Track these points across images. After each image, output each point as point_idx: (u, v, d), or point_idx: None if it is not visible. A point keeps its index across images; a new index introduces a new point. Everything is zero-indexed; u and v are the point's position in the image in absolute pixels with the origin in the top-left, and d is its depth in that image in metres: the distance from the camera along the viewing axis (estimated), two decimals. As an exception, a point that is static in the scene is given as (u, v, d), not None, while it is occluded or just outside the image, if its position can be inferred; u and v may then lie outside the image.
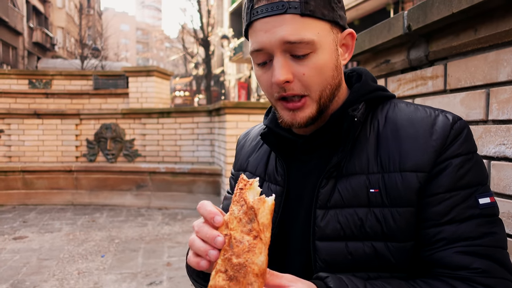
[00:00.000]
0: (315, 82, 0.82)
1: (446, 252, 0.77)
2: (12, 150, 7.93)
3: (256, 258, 0.65)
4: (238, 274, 0.64)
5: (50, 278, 4.07)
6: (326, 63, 0.82)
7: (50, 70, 10.48)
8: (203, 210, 0.72)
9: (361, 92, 0.89)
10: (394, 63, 1.81)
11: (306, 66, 0.81)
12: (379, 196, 0.81)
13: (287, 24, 0.78)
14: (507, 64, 1.22)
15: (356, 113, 0.85)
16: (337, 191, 0.84)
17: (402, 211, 0.80)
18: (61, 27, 31.99)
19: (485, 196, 0.79)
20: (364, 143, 0.86)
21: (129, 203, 7.54)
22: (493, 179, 1.27)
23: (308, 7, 0.78)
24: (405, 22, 1.61)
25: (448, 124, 0.81)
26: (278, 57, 0.81)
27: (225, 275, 0.65)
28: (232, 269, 0.65)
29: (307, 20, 0.79)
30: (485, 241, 0.76)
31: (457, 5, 1.31)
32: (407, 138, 0.82)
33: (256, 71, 0.88)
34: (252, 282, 0.64)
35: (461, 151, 0.80)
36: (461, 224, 0.77)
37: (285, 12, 0.78)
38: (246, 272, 0.64)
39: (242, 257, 0.65)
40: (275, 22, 0.79)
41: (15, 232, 5.77)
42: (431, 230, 0.79)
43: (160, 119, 7.80)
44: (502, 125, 1.24)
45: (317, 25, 0.80)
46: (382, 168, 0.82)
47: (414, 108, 0.87)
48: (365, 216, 0.81)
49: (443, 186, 0.78)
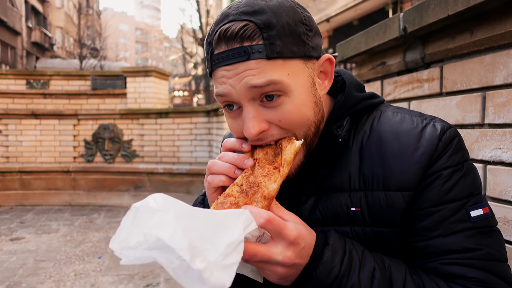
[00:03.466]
0: (295, 125, 0.76)
1: (437, 264, 0.74)
2: (10, 150, 7.90)
3: (269, 183, 0.72)
4: (249, 190, 0.72)
5: (47, 279, 4.05)
6: (304, 103, 0.75)
7: (48, 70, 10.46)
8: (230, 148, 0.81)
9: (346, 106, 0.83)
10: (390, 65, 1.79)
11: (280, 112, 0.74)
12: (360, 215, 0.78)
13: (252, 69, 0.71)
14: (503, 67, 1.21)
15: (340, 132, 0.80)
16: (317, 209, 0.82)
17: (385, 231, 0.77)
18: (60, 27, 31.96)
19: (477, 207, 0.75)
20: (347, 158, 0.82)
21: (127, 203, 7.51)
22: (489, 184, 1.25)
23: (274, 48, 0.70)
24: (401, 24, 1.59)
25: (435, 137, 0.76)
26: (247, 107, 0.74)
27: (239, 188, 0.73)
28: (247, 184, 0.73)
29: (275, 62, 0.71)
30: (479, 255, 0.73)
31: (453, 7, 1.29)
32: (392, 154, 0.77)
33: (224, 112, 0.82)
34: (258, 201, 0.71)
35: (449, 163, 0.75)
36: (450, 237, 0.74)
37: (248, 58, 0.70)
38: (256, 191, 0.71)
39: (258, 178, 0.73)
40: (238, 70, 0.72)
41: (12, 233, 5.74)
42: (419, 244, 0.76)
43: (158, 119, 7.78)
44: (498, 129, 1.23)
45: (287, 65, 0.72)
46: (364, 185, 0.79)
47: (401, 118, 0.81)
48: (345, 234, 0.79)
49: (429, 201, 0.75)
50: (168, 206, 0.63)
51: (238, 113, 0.78)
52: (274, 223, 0.66)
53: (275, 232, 0.67)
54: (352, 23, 12.65)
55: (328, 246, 0.71)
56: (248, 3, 0.73)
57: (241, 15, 0.72)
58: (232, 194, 0.72)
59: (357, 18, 12.59)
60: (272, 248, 0.67)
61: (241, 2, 0.74)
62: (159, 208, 0.62)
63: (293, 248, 0.68)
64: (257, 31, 0.71)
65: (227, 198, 0.72)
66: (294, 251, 0.68)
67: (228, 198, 0.72)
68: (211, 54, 0.75)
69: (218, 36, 0.73)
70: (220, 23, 0.74)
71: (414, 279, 0.73)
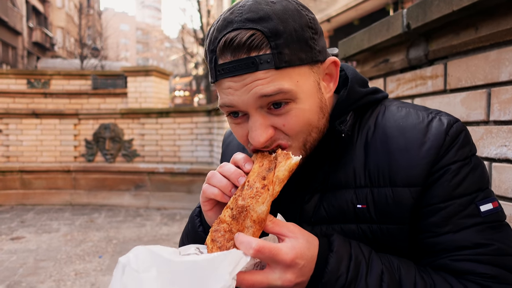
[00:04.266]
0: (298, 131, 0.74)
1: (447, 260, 0.73)
2: (10, 150, 7.89)
3: (257, 206, 0.67)
4: (239, 216, 0.68)
5: (47, 279, 4.04)
6: (309, 109, 0.74)
7: (49, 70, 10.46)
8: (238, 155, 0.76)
9: (348, 101, 0.81)
10: (393, 62, 1.78)
11: (286, 117, 0.73)
12: (366, 212, 0.76)
13: (260, 79, 0.69)
14: (509, 63, 1.19)
15: (343, 127, 0.79)
16: (322, 207, 0.80)
17: (393, 228, 0.75)
18: (61, 27, 31.97)
19: (487, 202, 0.74)
20: (351, 154, 0.80)
21: (128, 203, 7.51)
22: (494, 182, 1.24)
23: (283, 58, 0.68)
24: (404, 20, 1.57)
25: (442, 131, 0.75)
26: (254, 116, 0.72)
27: (230, 212, 0.70)
28: (236, 209, 0.69)
29: (283, 71, 0.70)
30: (489, 250, 0.71)
31: (458, 2, 1.28)
32: (398, 149, 0.76)
33: (228, 119, 0.80)
34: (249, 226, 0.67)
35: (457, 158, 0.74)
36: (460, 233, 0.72)
37: (256, 69, 0.68)
38: (245, 216, 0.68)
39: (246, 201, 0.68)
40: (245, 81, 0.69)
41: (13, 232, 5.73)
42: (429, 241, 0.75)
43: (159, 119, 7.77)
44: (504, 126, 1.21)
45: (296, 72, 0.71)
46: (370, 181, 0.77)
47: (406, 113, 0.80)
48: (352, 232, 0.77)
49: (438, 196, 0.73)
50: (149, 264, 0.61)
51: (244, 120, 0.76)
52: (265, 252, 0.64)
53: (269, 259, 0.65)
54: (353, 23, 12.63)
55: (333, 253, 0.69)
56: (252, 9, 0.70)
57: (246, 22, 0.68)
58: (225, 220, 0.70)
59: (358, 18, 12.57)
60: (269, 275, 0.65)
61: (244, 7, 0.71)
62: (139, 269, 0.61)
63: (291, 270, 0.66)
64: (265, 40, 0.68)
65: (220, 225, 0.70)
66: (293, 273, 0.66)
67: (221, 225, 0.70)
68: (215, 63, 0.72)
69: (223, 45, 0.69)
70: (223, 30, 0.70)
71: (425, 278, 0.71)
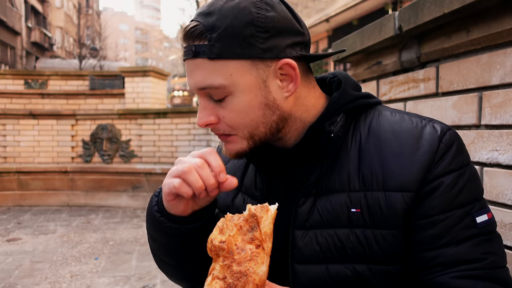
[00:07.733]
0: (238, 124, 0.78)
1: (446, 278, 0.71)
2: (8, 150, 7.87)
3: (258, 267, 0.63)
4: (237, 283, 0.63)
5: (42, 281, 4.02)
6: (248, 104, 0.76)
7: (46, 70, 10.45)
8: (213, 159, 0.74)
9: (340, 102, 0.81)
10: (386, 64, 1.76)
11: (225, 109, 0.77)
12: (361, 217, 0.75)
13: (199, 69, 0.76)
14: (500, 66, 1.17)
15: (333, 128, 0.78)
16: (316, 210, 0.78)
17: (386, 234, 0.74)
18: (60, 27, 31.95)
19: (483, 213, 0.73)
20: (345, 157, 0.79)
21: (125, 204, 7.49)
22: (485, 187, 1.22)
23: (214, 50, 0.73)
24: (396, 22, 1.56)
25: (436, 137, 0.74)
26: (200, 99, 0.80)
27: (223, 282, 0.63)
28: (232, 276, 0.63)
29: (217, 63, 0.74)
30: (486, 264, 0.71)
31: (449, 5, 1.26)
32: (391, 154, 0.76)
33: None
34: None
35: (452, 167, 0.73)
36: (459, 247, 0.71)
37: (194, 56, 0.75)
38: (246, 281, 0.63)
39: (244, 266, 0.63)
40: (191, 66, 0.77)
41: (9, 233, 5.72)
42: (427, 254, 0.73)
43: (156, 119, 7.75)
44: (495, 130, 1.20)
45: (230, 66, 0.74)
46: (364, 185, 0.76)
47: (400, 118, 0.81)
48: (346, 237, 0.76)
49: (436, 208, 0.72)
50: None
51: None
52: None
53: None
54: (351, 23, 12.62)
55: None
56: (209, 4, 0.77)
57: (198, 15, 0.77)
58: None
59: (357, 18, 12.56)
60: None
61: (208, 2, 0.78)
62: None
63: None
64: (204, 32, 0.74)
65: None
66: None
67: None
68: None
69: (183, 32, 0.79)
70: None
71: None
